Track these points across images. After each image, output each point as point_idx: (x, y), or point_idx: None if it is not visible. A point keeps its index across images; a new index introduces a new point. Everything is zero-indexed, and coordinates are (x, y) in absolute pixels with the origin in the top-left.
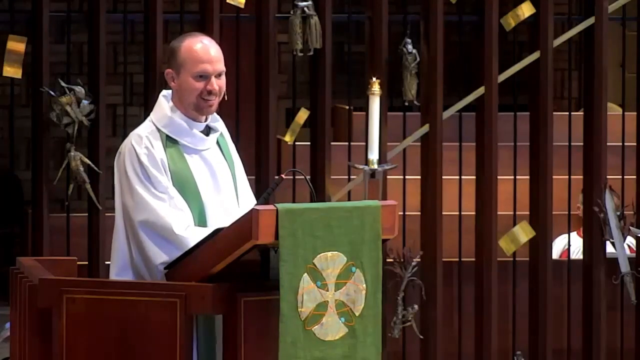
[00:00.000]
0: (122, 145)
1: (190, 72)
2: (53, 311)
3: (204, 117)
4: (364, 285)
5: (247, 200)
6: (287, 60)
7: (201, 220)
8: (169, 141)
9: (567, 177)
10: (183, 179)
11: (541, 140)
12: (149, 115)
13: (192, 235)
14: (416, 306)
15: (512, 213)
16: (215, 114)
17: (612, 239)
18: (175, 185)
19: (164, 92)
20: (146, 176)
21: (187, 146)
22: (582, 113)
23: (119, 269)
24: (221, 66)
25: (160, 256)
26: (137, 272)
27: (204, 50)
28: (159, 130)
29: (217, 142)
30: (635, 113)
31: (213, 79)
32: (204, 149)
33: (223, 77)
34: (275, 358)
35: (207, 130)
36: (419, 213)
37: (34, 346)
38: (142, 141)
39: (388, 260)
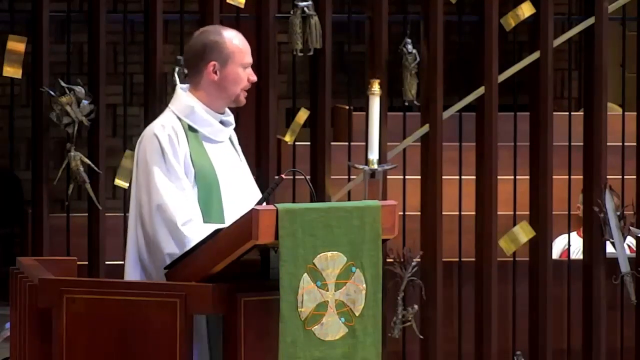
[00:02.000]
0: (143, 134)
1: (240, 62)
2: (53, 311)
3: (224, 109)
4: (364, 285)
5: (256, 198)
6: (287, 60)
7: (217, 212)
8: (190, 131)
9: (567, 177)
10: (205, 170)
11: (541, 140)
12: (149, 115)
13: (189, 232)
14: (416, 306)
15: (512, 213)
16: (228, 109)
17: (612, 239)
18: (197, 175)
19: (181, 85)
20: (163, 162)
21: (207, 137)
22: (582, 113)
23: (131, 266)
24: None
25: (170, 249)
26: (145, 269)
27: (245, 41)
28: (180, 120)
29: (230, 137)
30: (635, 113)
31: (251, 69)
32: (221, 141)
33: None
34: (275, 358)
35: (222, 124)
36: (419, 213)
37: (34, 346)
38: (165, 129)
39: (388, 260)
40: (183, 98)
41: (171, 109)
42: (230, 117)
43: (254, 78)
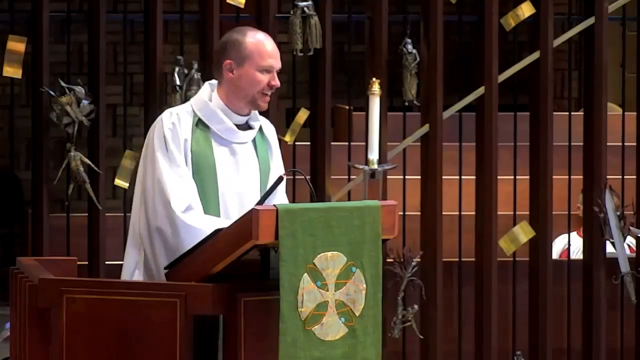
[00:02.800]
0: (155, 121)
1: (257, 65)
2: (53, 311)
3: (247, 111)
4: (364, 285)
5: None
6: (287, 60)
7: (213, 208)
8: (201, 124)
9: (567, 177)
10: (203, 163)
11: (541, 140)
12: (149, 115)
13: (188, 219)
14: (416, 306)
15: (512, 213)
16: (259, 115)
17: (612, 239)
18: (194, 166)
19: (211, 81)
20: (165, 148)
21: (217, 135)
22: (582, 113)
23: (131, 246)
24: (280, 63)
25: (161, 224)
26: (147, 265)
27: (270, 44)
28: (194, 111)
29: (254, 141)
30: (635, 113)
31: (275, 74)
32: (234, 142)
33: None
34: (275, 358)
35: (247, 127)
36: (419, 213)
37: (34, 346)
38: (171, 116)
39: (388, 260)
40: (204, 92)
41: (190, 101)
42: (256, 122)
43: (275, 83)
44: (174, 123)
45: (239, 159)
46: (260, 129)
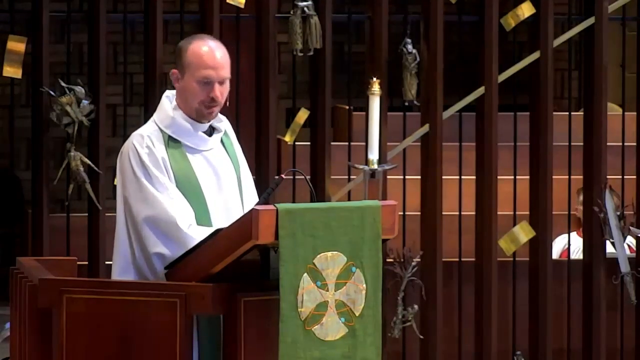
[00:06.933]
0: (124, 145)
1: (194, 76)
2: (53, 311)
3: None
4: (364, 285)
5: (252, 200)
6: (287, 60)
7: (204, 220)
8: (171, 141)
9: (567, 177)
10: (185, 179)
11: (541, 140)
12: (149, 115)
13: (194, 233)
14: (416, 306)
15: (512, 213)
16: (219, 113)
17: (612, 239)
18: (177, 185)
19: (168, 92)
20: (147, 175)
21: (190, 147)
22: (582, 113)
23: (120, 269)
24: (225, 72)
25: (162, 249)
26: (140, 271)
27: (210, 55)
28: (161, 130)
29: (222, 142)
30: (635, 113)
31: (216, 86)
32: (206, 149)
33: (227, 84)
34: (275, 358)
35: (211, 131)
36: (419, 213)
37: (34, 346)
38: (144, 140)
39: (388, 260)
40: (166, 107)
41: (154, 119)
42: (220, 124)
43: (215, 95)
44: (148, 146)
45: (215, 165)
46: None
